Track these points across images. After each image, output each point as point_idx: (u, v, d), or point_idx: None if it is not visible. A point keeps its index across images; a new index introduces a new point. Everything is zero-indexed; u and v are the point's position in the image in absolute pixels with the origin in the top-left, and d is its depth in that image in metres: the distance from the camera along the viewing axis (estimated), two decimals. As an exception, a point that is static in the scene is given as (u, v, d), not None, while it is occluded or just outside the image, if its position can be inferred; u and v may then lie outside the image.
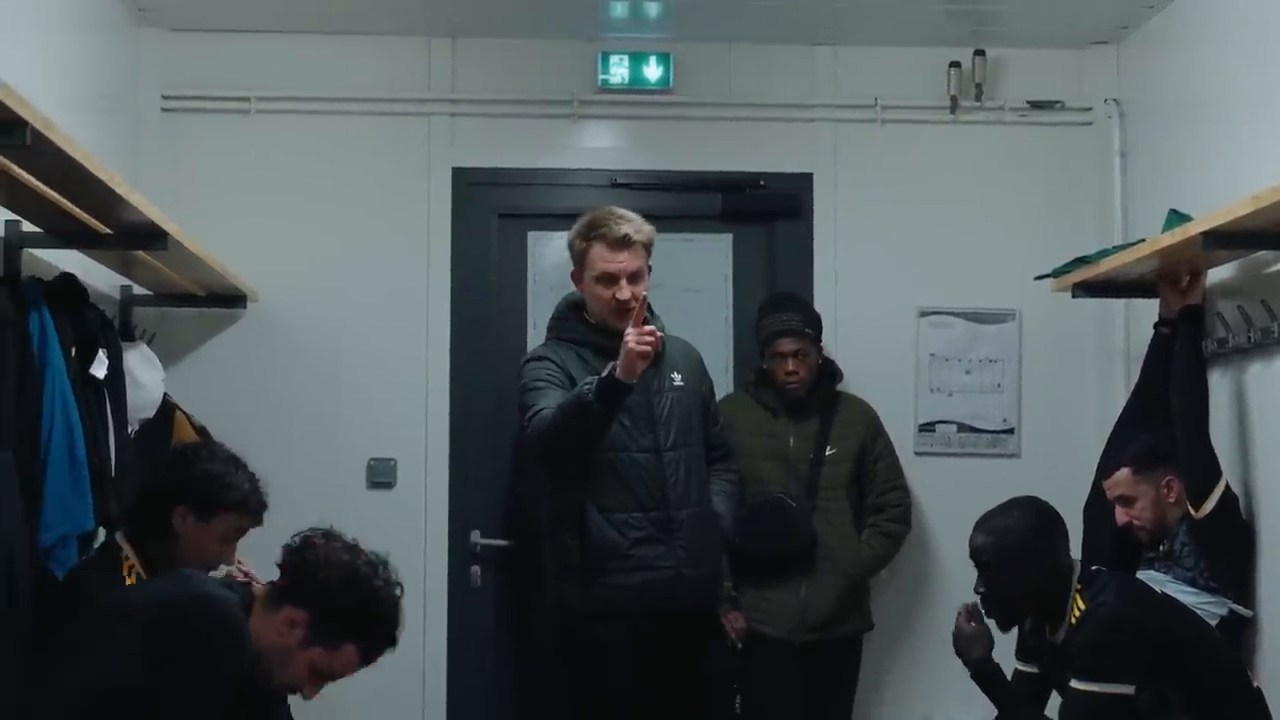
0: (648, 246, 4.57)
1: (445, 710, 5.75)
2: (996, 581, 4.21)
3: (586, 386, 4.31)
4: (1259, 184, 4.01)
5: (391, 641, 3.48)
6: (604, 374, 4.29)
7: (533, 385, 4.54)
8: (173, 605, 3.31)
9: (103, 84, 5.31)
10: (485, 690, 5.80)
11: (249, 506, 3.89)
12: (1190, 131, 5.21)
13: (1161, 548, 4.61)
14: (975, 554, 4.24)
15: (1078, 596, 4.16)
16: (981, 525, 4.27)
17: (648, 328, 4.29)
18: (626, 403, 4.45)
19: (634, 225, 4.53)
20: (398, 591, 3.51)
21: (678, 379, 4.64)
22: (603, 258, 4.50)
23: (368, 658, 3.45)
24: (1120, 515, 4.66)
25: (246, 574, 4.12)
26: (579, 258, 4.56)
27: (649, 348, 4.26)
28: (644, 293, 4.57)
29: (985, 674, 4.33)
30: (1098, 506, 5.09)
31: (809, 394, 5.44)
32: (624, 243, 4.50)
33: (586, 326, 4.58)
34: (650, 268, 4.65)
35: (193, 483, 3.83)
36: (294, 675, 3.40)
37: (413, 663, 5.66)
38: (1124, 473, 4.62)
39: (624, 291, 4.48)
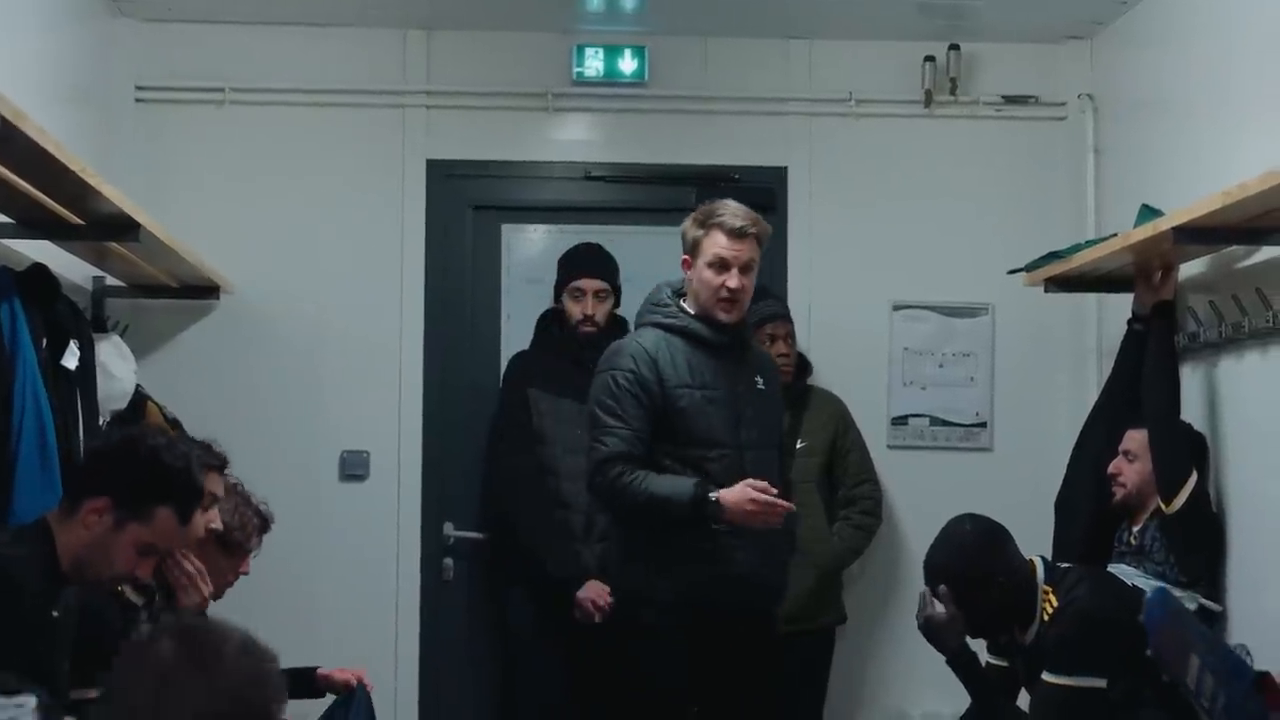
0: (761, 242, 4.59)
1: (417, 702, 5.75)
2: (963, 612, 4.23)
3: (688, 492, 4.32)
4: (1230, 179, 4.03)
5: (197, 491, 3.44)
6: (711, 496, 4.30)
7: (610, 401, 4.44)
8: None
9: (76, 74, 5.29)
10: (458, 682, 5.80)
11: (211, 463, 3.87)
12: (1163, 127, 5.23)
13: (1132, 541, 4.63)
14: (934, 593, 4.27)
15: (1049, 594, 4.17)
16: (929, 568, 4.30)
17: (781, 504, 4.32)
18: (714, 396, 4.48)
19: (751, 218, 4.55)
20: (182, 446, 3.46)
21: (760, 383, 4.64)
22: (719, 244, 4.48)
23: (184, 515, 3.38)
24: (1114, 465, 4.70)
25: (244, 573, 4.18)
26: (693, 245, 4.54)
27: (759, 523, 4.30)
28: (752, 289, 4.58)
29: (961, 662, 4.34)
30: (1069, 501, 5.12)
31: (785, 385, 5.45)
32: (742, 233, 4.51)
33: (687, 315, 4.57)
34: (758, 265, 4.63)
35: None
36: (122, 561, 3.33)
37: (384, 655, 5.66)
38: (1146, 435, 4.64)
39: (734, 280, 4.49)
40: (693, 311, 4.55)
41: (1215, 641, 3.61)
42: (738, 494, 4.30)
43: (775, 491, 4.33)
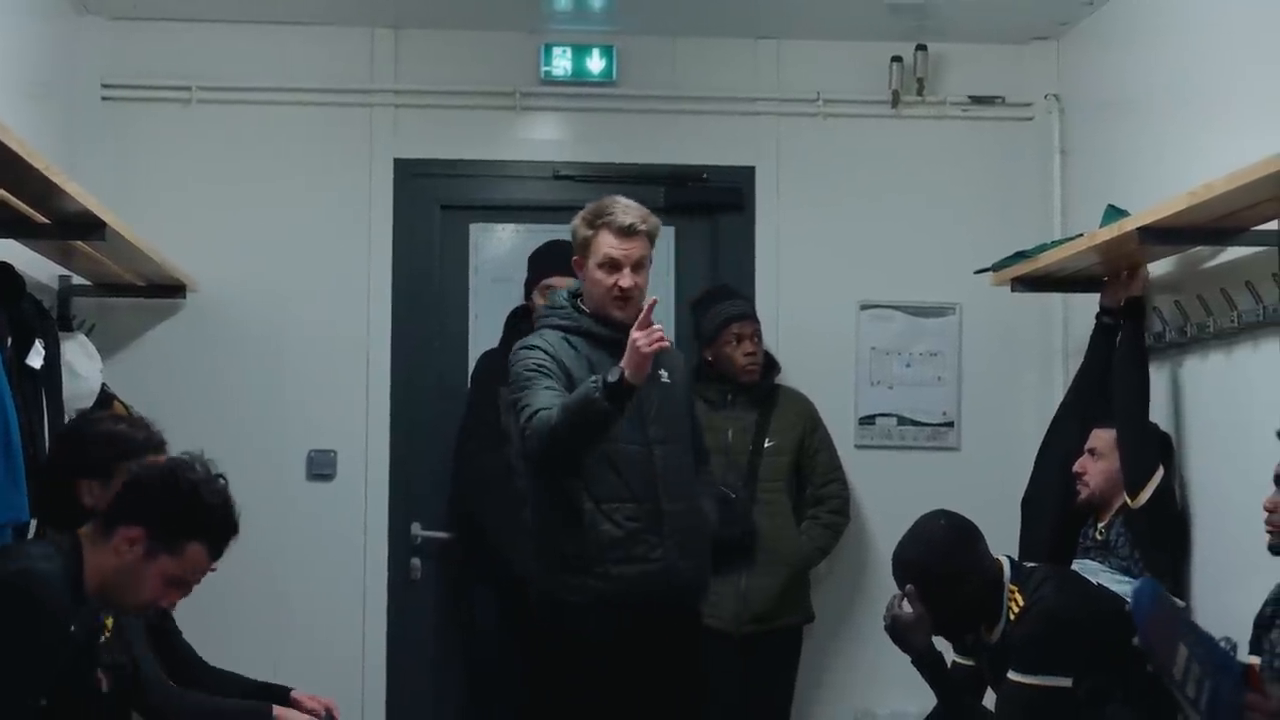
0: (652, 238, 4.53)
1: (384, 702, 5.74)
2: (931, 609, 4.23)
3: (593, 386, 4.22)
4: (1195, 180, 4.05)
5: (232, 528, 3.44)
6: (611, 376, 4.24)
7: (525, 381, 4.40)
8: None
9: (41, 72, 5.27)
10: (425, 682, 5.79)
11: (146, 445, 3.82)
12: (1129, 127, 5.25)
13: (1098, 536, 4.65)
14: (903, 590, 4.28)
15: (1015, 592, 4.18)
16: (899, 563, 4.29)
17: (655, 327, 4.24)
18: None
19: (640, 215, 4.49)
20: (221, 481, 3.46)
21: (664, 376, 4.60)
22: (608, 244, 4.43)
23: (215, 551, 3.40)
24: (1079, 463, 4.72)
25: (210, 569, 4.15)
26: (583, 244, 4.48)
27: (656, 348, 4.22)
28: (646, 286, 4.54)
29: (927, 662, 4.35)
30: (1036, 500, 5.14)
31: (753, 384, 5.46)
32: (631, 231, 4.45)
33: (584, 315, 4.54)
34: (651, 260, 4.61)
35: (86, 452, 3.77)
36: (148, 591, 3.34)
37: (352, 655, 5.66)
38: (1113, 434, 4.66)
39: (626, 279, 4.44)
40: (589, 311, 4.51)
41: (1203, 633, 3.62)
42: (627, 351, 4.17)
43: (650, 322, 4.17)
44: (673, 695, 4.50)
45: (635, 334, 4.16)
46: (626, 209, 4.47)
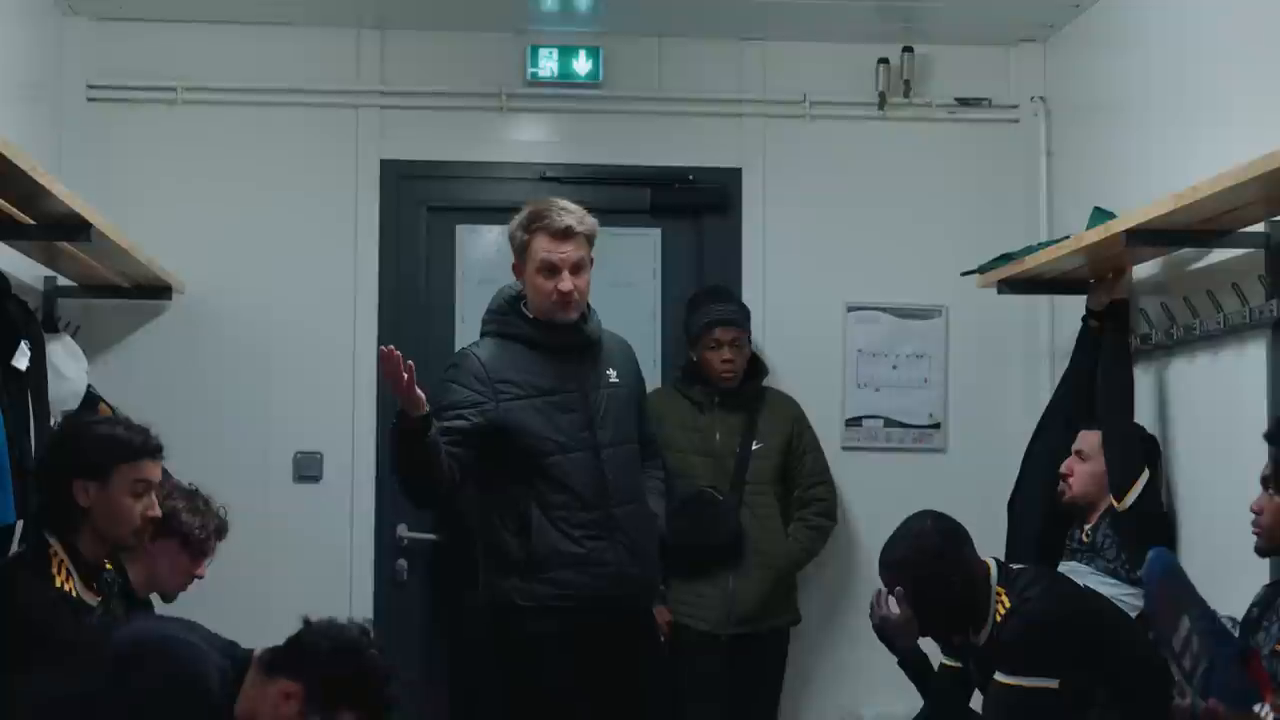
0: (590, 239, 4.51)
1: (371, 704, 5.72)
2: (918, 610, 4.23)
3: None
4: (1181, 182, 4.06)
5: (395, 705, 3.47)
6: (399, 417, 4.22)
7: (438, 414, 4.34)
8: (138, 642, 3.34)
9: (26, 73, 5.26)
10: (411, 685, 5.77)
11: (144, 449, 3.83)
12: (1115, 130, 5.26)
13: (1085, 539, 4.66)
14: (890, 593, 4.28)
15: (1001, 594, 4.18)
16: (885, 564, 4.29)
17: (384, 347, 4.16)
18: (563, 400, 4.43)
19: (576, 216, 4.47)
20: (387, 661, 3.51)
21: (613, 375, 4.59)
22: (545, 248, 4.41)
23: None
24: (1066, 465, 4.74)
25: (199, 576, 4.22)
26: (520, 249, 4.47)
27: (390, 373, 4.13)
28: (587, 288, 4.53)
29: (912, 662, 4.35)
30: (1022, 502, 5.15)
31: (740, 386, 5.46)
32: (567, 234, 4.43)
33: (526, 321, 4.52)
34: (592, 260, 4.59)
35: (79, 452, 3.76)
36: None
37: (339, 657, 5.64)
38: (1099, 437, 4.66)
39: (566, 283, 4.42)
40: (531, 315, 4.50)
41: (1208, 607, 3.63)
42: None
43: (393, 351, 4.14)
44: (621, 695, 4.52)
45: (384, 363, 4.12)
46: (562, 211, 4.46)
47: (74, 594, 3.66)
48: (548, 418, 4.42)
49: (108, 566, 3.91)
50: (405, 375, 4.10)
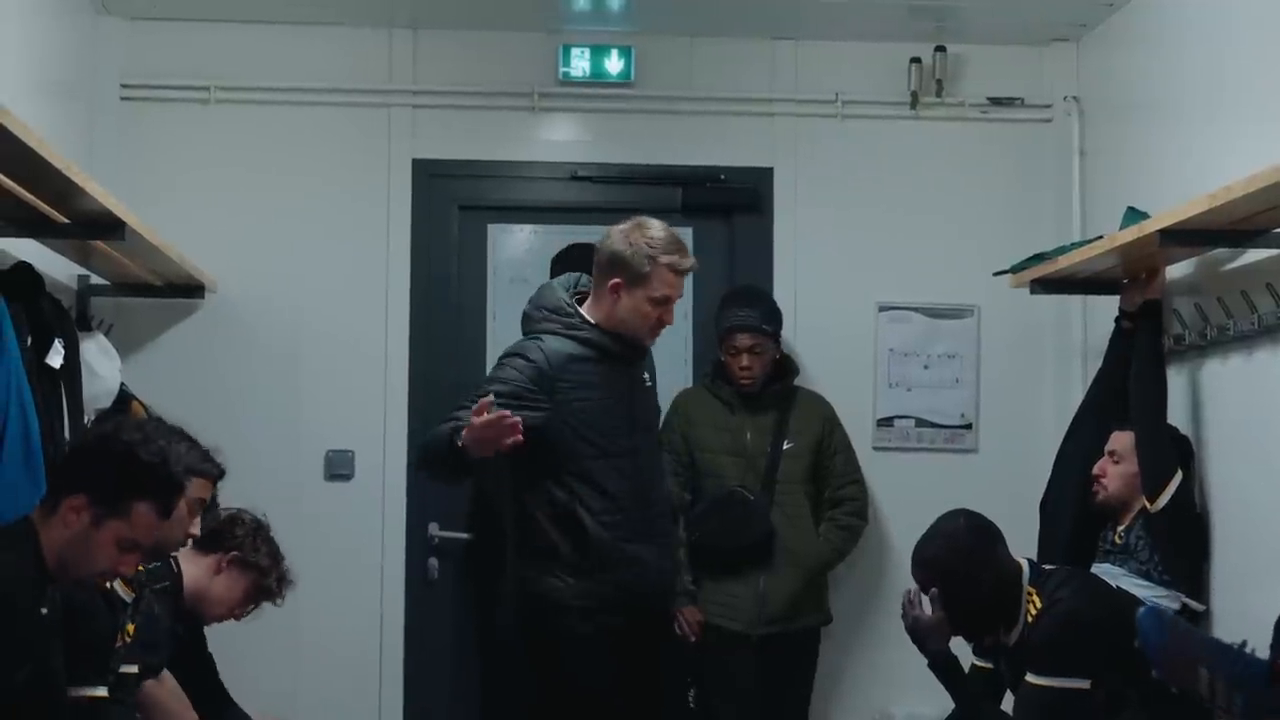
0: None
1: (402, 703, 5.74)
2: (949, 608, 4.23)
3: (455, 430, 4.27)
4: (1215, 182, 4.04)
5: (175, 485, 3.44)
6: (456, 440, 4.26)
7: (479, 393, 4.34)
8: None
9: (62, 72, 5.28)
10: (443, 684, 5.79)
11: (206, 475, 3.86)
12: (1148, 129, 5.24)
13: (1118, 540, 4.64)
14: (922, 590, 4.27)
15: (1033, 594, 4.17)
16: (918, 562, 4.29)
17: (496, 416, 4.17)
18: (612, 405, 4.49)
19: (694, 260, 4.60)
20: (162, 441, 3.48)
21: (647, 379, 4.67)
22: (669, 284, 4.48)
23: (164, 510, 3.39)
24: (1098, 466, 4.71)
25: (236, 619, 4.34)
26: (639, 273, 4.46)
27: (495, 435, 4.19)
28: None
29: (943, 665, 4.34)
30: (1054, 503, 5.13)
31: (764, 389, 5.44)
32: (688, 273, 4.55)
33: (592, 328, 4.54)
34: None
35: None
36: (104, 558, 3.32)
37: (369, 655, 5.66)
38: (1132, 438, 4.65)
39: (670, 315, 4.52)
40: (594, 321, 4.53)
41: (1219, 648, 3.60)
42: (473, 433, 4.20)
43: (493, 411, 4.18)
44: (648, 691, 4.59)
45: (478, 421, 4.16)
46: (686, 251, 4.54)
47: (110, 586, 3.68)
48: (595, 422, 4.47)
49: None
50: (508, 443, 4.20)
